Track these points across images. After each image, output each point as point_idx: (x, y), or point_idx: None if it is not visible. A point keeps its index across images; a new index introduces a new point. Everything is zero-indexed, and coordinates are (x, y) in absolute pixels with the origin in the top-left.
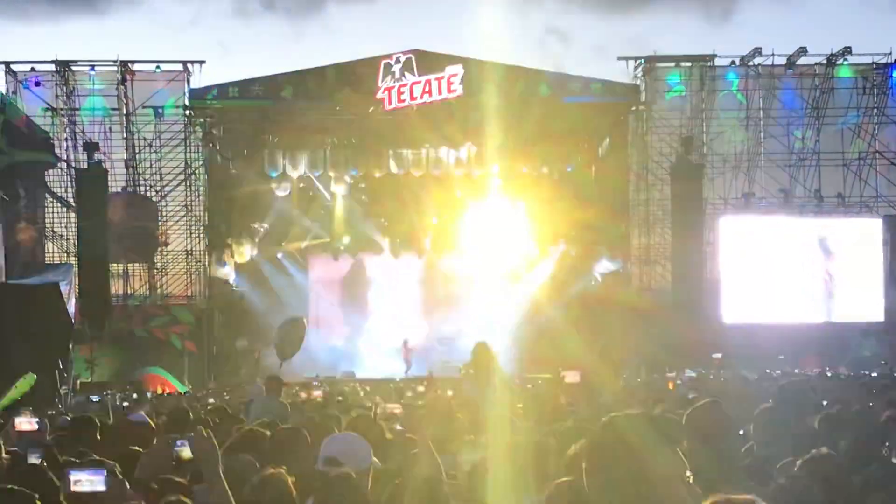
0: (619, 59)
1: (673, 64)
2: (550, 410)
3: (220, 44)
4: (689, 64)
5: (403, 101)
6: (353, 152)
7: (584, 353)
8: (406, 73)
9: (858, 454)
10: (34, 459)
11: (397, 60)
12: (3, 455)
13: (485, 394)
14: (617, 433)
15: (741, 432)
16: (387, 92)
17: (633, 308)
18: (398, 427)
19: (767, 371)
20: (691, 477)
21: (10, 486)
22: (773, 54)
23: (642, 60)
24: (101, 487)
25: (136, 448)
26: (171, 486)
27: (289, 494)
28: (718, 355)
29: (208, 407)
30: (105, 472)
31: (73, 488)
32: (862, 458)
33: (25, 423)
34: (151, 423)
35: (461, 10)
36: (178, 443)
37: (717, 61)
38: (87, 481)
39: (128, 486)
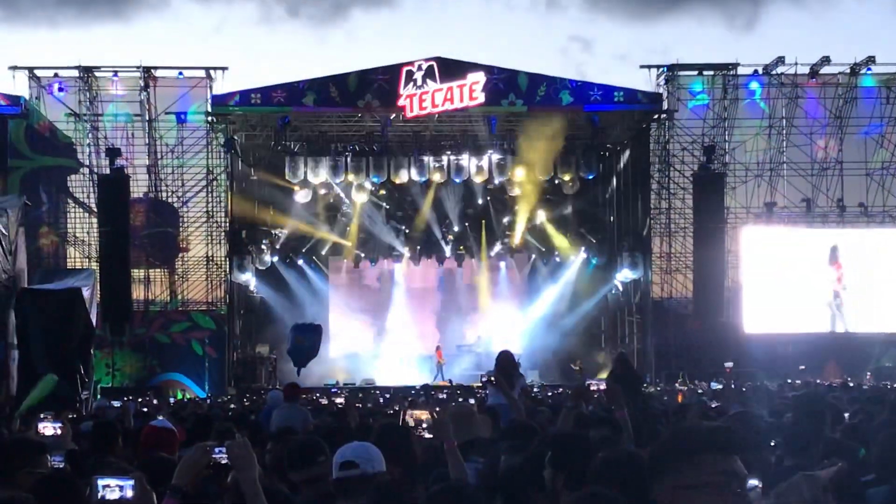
0: (642, 67)
1: (696, 72)
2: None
3: (244, 51)
4: (711, 72)
5: (425, 108)
6: (374, 159)
7: (605, 361)
8: (428, 81)
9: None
10: (57, 464)
11: (419, 68)
12: None
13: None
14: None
15: (772, 443)
16: (409, 99)
17: (655, 316)
18: (426, 434)
19: (788, 381)
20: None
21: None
22: (796, 63)
23: (665, 69)
24: (130, 494)
25: (162, 454)
26: (206, 492)
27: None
28: (730, 364)
29: (229, 413)
30: (133, 480)
31: (101, 495)
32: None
33: (49, 427)
34: (174, 428)
35: (485, 18)
36: (217, 450)
37: (740, 70)
38: (115, 487)
39: (153, 494)
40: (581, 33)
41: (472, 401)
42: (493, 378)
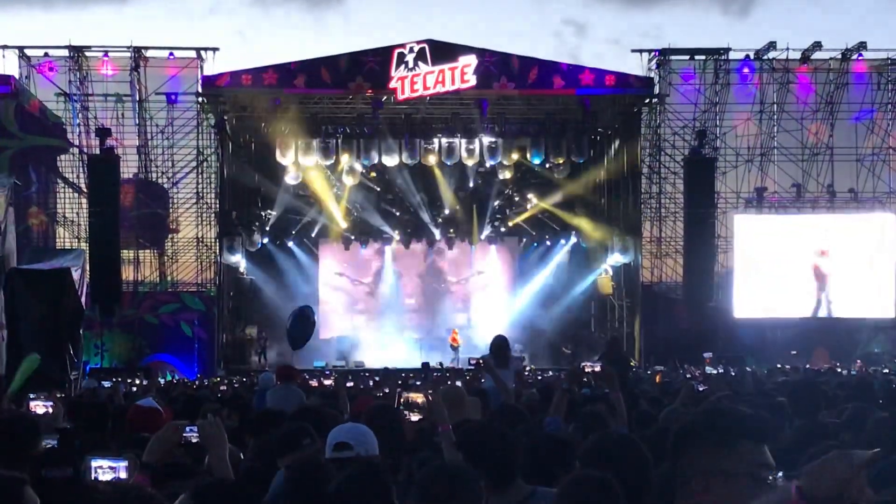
0: (633, 51)
1: (687, 57)
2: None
3: (238, 33)
4: (703, 57)
5: (416, 90)
6: (365, 141)
7: (596, 345)
8: (419, 63)
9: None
10: (49, 443)
11: (410, 50)
12: None
13: (498, 385)
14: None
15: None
16: (400, 81)
17: (644, 301)
18: (413, 417)
19: (778, 366)
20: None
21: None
22: (787, 48)
23: (656, 53)
24: (124, 475)
25: (147, 434)
26: (177, 470)
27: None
28: (709, 354)
29: (218, 395)
30: (127, 461)
31: (94, 476)
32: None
33: (41, 405)
34: (160, 408)
35: (481, 1)
36: (188, 429)
37: (732, 55)
38: (108, 468)
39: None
40: (575, 17)
41: (458, 383)
42: (481, 360)
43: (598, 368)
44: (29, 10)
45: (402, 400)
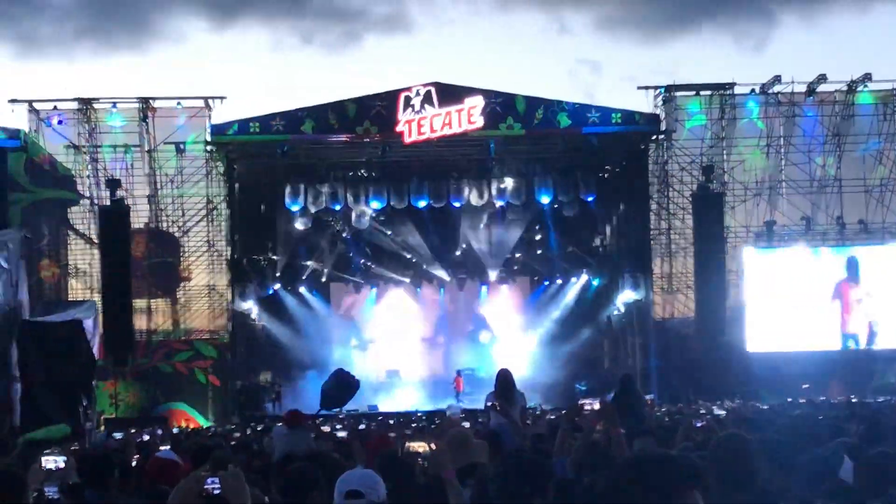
0: (640, 88)
1: (693, 93)
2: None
3: (255, 78)
4: (709, 92)
5: (423, 133)
6: (373, 185)
7: (609, 382)
8: (426, 106)
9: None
10: (52, 494)
11: (417, 93)
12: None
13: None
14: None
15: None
16: (407, 125)
17: (657, 336)
18: (423, 463)
19: (789, 400)
20: None
21: None
22: (792, 82)
23: (662, 89)
24: None
25: (166, 486)
26: None
27: None
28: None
29: (232, 443)
30: None
31: None
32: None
33: (52, 461)
34: (179, 460)
35: (498, 41)
36: (209, 481)
37: (738, 89)
38: None
39: None
40: (589, 56)
41: (466, 424)
42: (496, 405)
43: (597, 406)
44: (36, 64)
45: (404, 449)
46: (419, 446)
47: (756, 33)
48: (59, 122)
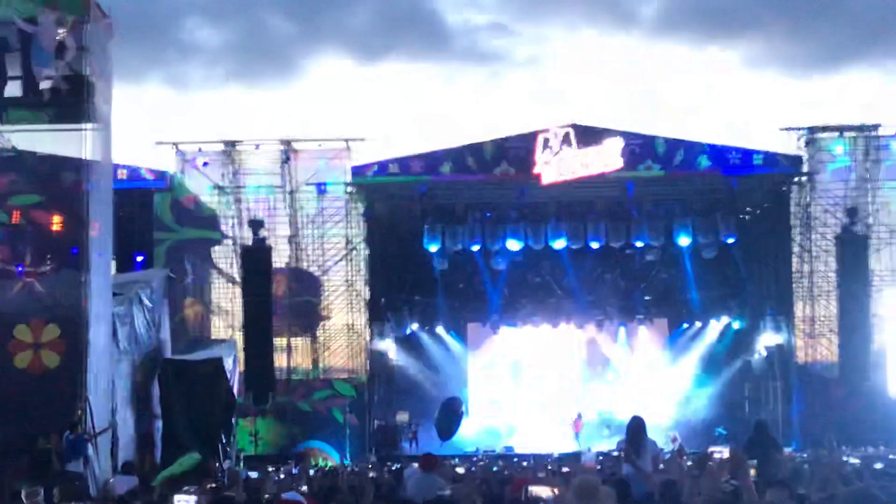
0: (782, 129)
1: (837, 133)
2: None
3: (397, 118)
4: (853, 133)
5: (562, 174)
6: (511, 226)
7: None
8: (564, 147)
9: None
10: None
11: (555, 135)
12: None
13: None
14: None
15: None
16: (545, 166)
17: (800, 381)
18: None
19: None
20: None
21: None
22: None
23: (806, 130)
24: None
25: None
26: None
27: None
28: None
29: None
30: None
31: None
32: None
33: (183, 500)
34: (304, 501)
35: (627, 79)
36: None
37: (882, 130)
38: None
39: None
40: (733, 94)
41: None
42: (623, 452)
43: (726, 454)
44: (186, 105)
45: (527, 496)
46: (542, 491)
47: None
48: (205, 164)
